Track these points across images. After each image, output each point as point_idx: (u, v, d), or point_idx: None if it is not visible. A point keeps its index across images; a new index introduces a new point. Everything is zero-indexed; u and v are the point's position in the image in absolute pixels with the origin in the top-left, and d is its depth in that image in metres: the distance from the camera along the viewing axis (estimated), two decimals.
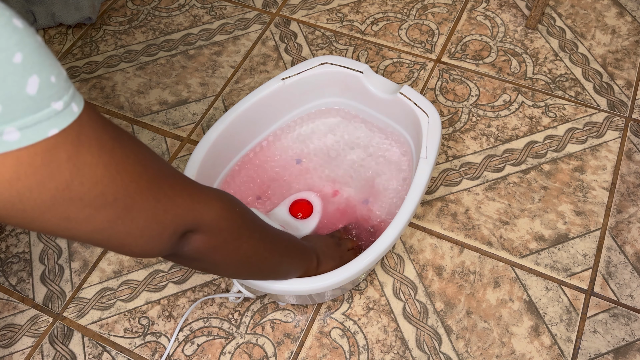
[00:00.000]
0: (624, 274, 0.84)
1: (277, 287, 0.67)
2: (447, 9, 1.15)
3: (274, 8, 1.19)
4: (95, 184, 0.35)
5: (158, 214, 0.41)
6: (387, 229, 0.71)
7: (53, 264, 0.90)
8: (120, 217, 0.38)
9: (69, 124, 0.33)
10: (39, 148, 0.31)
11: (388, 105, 0.86)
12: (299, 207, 0.84)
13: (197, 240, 0.46)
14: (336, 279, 0.68)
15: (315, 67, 0.86)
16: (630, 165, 0.94)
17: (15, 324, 0.85)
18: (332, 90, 0.90)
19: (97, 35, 1.17)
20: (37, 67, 0.31)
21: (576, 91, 1.02)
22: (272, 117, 0.90)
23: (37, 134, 0.31)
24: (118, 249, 0.41)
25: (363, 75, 0.85)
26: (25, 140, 0.31)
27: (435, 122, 0.79)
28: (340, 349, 0.80)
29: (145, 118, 1.05)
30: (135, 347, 0.82)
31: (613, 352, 0.78)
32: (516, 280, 0.84)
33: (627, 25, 1.11)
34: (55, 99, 0.32)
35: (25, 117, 0.30)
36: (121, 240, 0.40)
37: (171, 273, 0.88)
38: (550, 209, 0.90)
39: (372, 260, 0.69)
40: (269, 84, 0.85)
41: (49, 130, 0.32)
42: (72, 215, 0.35)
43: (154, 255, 0.44)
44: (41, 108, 0.31)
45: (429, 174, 0.75)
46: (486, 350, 0.79)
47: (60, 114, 0.32)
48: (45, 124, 0.31)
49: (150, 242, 0.42)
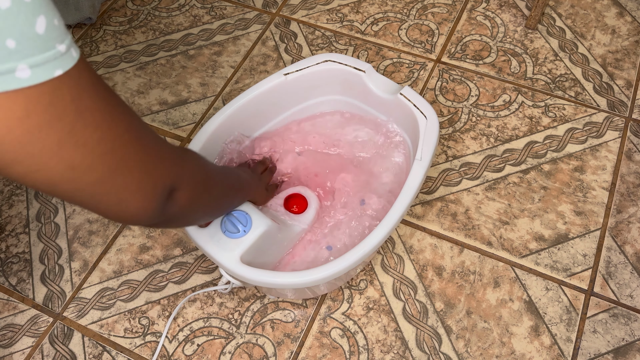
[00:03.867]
0: (623, 274, 0.84)
1: (272, 281, 0.68)
2: (447, 9, 1.15)
3: (274, 8, 1.19)
4: (96, 128, 0.37)
5: (149, 168, 0.44)
6: (376, 229, 0.71)
7: (53, 264, 0.90)
8: (118, 168, 0.41)
9: (71, 67, 0.35)
10: (46, 87, 0.33)
11: (388, 105, 0.86)
12: (294, 201, 0.84)
13: (181, 197, 0.49)
14: (324, 274, 0.69)
15: (318, 64, 0.86)
16: (630, 165, 0.94)
17: (15, 324, 0.85)
18: (334, 88, 0.90)
19: (97, 36, 1.17)
20: (43, 8, 0.33)
21: (576, 91, 1.02)
22: (273, 112, 0.90)
23: (46, 73, 0.33)
24: (115, 207, 0.43)
25: (365, 74, 0.85)
26: (35, 78, 0.33)
27: (433, 124, 0.79)
28: (340, 349, 0.80)
29: (146, 118, 1.05)
30: (135, 347, 0.82)
31: (613, 352, 0.78)
32: (516, 280, 0.84)
33: (627, 25, 1.11)
34: (59, 42, 0.34)
35: (35, 55, 0.32)
36: (119, 195, 0.42)
37: (171, 273, 0.88)
38: (550, 209, 0.90)
39: (359, 258, 0.70)
40: (271, 78, 0.85)
41: (55, 70, 0.34)
42: (76, 162, 0.37)
43: (147, 216, 0.46)
44: (48, 48, 0.33)
45: (422, 176, 0.75)
46: (486, 350, 0.79)
47: (64, 57, 0.34)
48: (51, 64, 0.33)
49: (145, 198, 0.44)
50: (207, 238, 0.70)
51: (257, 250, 0.72)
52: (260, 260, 0.75)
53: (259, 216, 0.72)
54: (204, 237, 0.70)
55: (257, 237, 0.70)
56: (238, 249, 0.69)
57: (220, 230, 0.70)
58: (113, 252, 0.90)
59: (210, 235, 0.70)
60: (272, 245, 0.76)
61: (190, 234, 0.71)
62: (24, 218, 0.95)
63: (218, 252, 0.69)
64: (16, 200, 0.97)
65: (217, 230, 0.71)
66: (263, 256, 0.76)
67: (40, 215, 0.95)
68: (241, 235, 0.70)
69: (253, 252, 0.71)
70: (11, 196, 0.97)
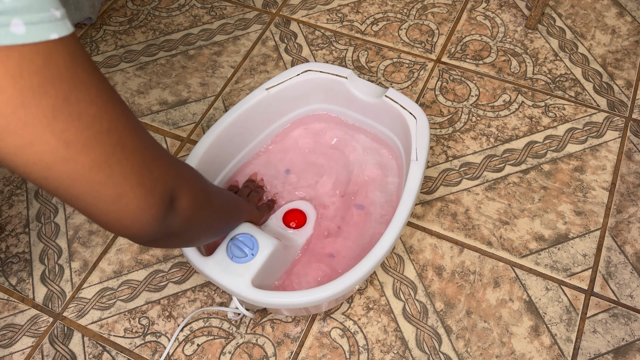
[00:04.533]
0: (623, 274, 0.84)
1: (276, 302, 0.67)
2: (447, 9, 1.15)
3: (274, 8, 1.19)
4: (90, 103, 0.36)
5: (147, 161, 0.42)
6: (383, 236, 0.70)
7: (53, 264, 0.90)
8: (115, 153, 0.39)
9: (66, 35, 0.34)
10: (41, 47, 0.33)
11: (374, 109, 0.85)
12: (292, 216, 0.83)
13: (183, 206, 0.47)
14: (335, 290, 0.67)
15: (299, 74, 0.85)
16: (630, 165, 0.94)
17: (15, 324, 0.85)
18: (317, 97, 0.89)
19: (97, 35, 1.17)
20: None
21: (576, 91, 1.02)
22: (259, 128, 0.88)
23: (41, 33, 0.33)
24: (113, 205, 0.40)
25: (347, 81, 0.85)
26: (30, 36, 0.32)
27: (423, 123, 0.79)
28: (340, 349, 0.80)
29: (146, 118, 1.05)
30: (135, 347, 0.82)
31: (613, 352, 0.78)
32: (516, 280, 0.84)
33: (627, 25, 1.11)
34: (55, 7, 0.34)
35: (31, 13, 0.32)
36: (118, 187, 0.40)
37: (171, 273, 0.88)
38: (550, 209, 0.90)
39: (371, 267, 0.69)
40: (254, 94, 0.84)
41: (50, 33, 0.33)
42: (71, 137, 0.36)
43: (148, 223, 0.43)
44: (43, 9, 0.33)
45: (421, 176, 0.75)
46: (486, 350, 0.79)
47: (59, 22, 0.34)
48: (47, 26, 0.33)
49: (147, 195, 0.42)
50: (214, 266, 0.68)
51: (265, 271, 0.70)
52: (268, 281, 0.74)
53: (264, 237, 0.70)
54: (211, 266, 0.68)
55: (266, 258, 0.69)
56: (248, 273, 0.67)
57: (227, 257, 0.69)
58: (113, 252, 0.90)
59: (217, 263, 0.69)
60: (279, 263, 0.75)
61: (198, 265, 0.69)
62: (24, 218, 0.95)
63: (228, 279, 0.67)
64: (16, 200, 0.97)
65: (223, 257, 0.69)
66: (271, 277, 0.75)
67: (40, 215, 0.95)
68: (250, 258, 0.68)
69: (262, 274, 0.70)
70: (11, 196, 0.97)
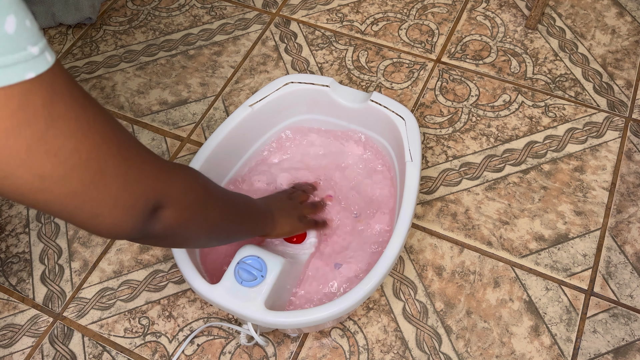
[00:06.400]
0: (623, 274, 0.84)
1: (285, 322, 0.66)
2: (447, 9, 1.15)
3: (274, 8, 1.19)
4: (69, 137, 0.35)
5: (130, 181, 0.41)
6: (390, 242, 0.70)
7: (53, 264, 0.90)
8: (94, 182, 0.38)
9: (45, 71, 0.33)
10: (16, 90, 0.32)
11: (361, 115, 0.85)
12: None
13: (168, 216, 0.46)
14: (355, 299, 0.67)
15: (281, 87, 0.85)
16: (630, 165, 0.94)
17: (15, 324, 0.85)
18: (302, 108, 0.89)
19: (97, 35, 1.17)
20: (13, 7, 0.31)
21: (576, 91, 1.02)
22: (246, 145, 0.88)
23: (15, 75, 0.32)
24: (90, 220, 0.41)
25: (329, 89, 0.84)
26: (4, 79, 0.31)
27: (412, 123, 0.78)
28: (340, 349, 0.80)
29: (145, 118, 1.05)
30: (135, 347, 0.82)
31: (613, 352, 0.78)
32: (516, 280, 0.84)
33: (627, 25, 1.11)
34: (32, 43, 0.32)
35: (4, 55, 0.31)
36: (94, 210, 0.40)
37: (171, 273, 0.88)
38: (550, 209, 0.90)
39: (386, 269, 0.69)
40: (237, 113, 0.83)
41: (26, 73, 0.32)
42: (46, 172, 0.35)
43: (126, 233, 0.43)
44: (19, 49, 0.32)
45: (418, 177, 0.75)
46: (486, 350, 0.79)
47: (37, 59, 0.33)
48: (22, 66, 0.32)
49: (124, 214, 0.42)
50: (224, 293, 0.67)
51: (276, 292, 0.70)
52: (280, 301, 0.73)
53: (271, 257, 0.70)
54: (221, 292, 0.67)
55: (276, 278, 0.68)
56: (260, 296, 0.66)
57: (237, 282, 0.67)
58: (113, 252, 0.90)
59: (226, 289, 0.67)
60: (287, 281, 0.75)
61: (206, 295, 0.67)
62: (24, 218, 0.95)
63: (240, 304, 0.66)
64: None
65: (232, 283, 0.68)
66: (282, 297, 0.74)
67: (40, 215, 0.95)
68: (259, 281, 0.67)
69: (274, 295, 0.69)
70: None
